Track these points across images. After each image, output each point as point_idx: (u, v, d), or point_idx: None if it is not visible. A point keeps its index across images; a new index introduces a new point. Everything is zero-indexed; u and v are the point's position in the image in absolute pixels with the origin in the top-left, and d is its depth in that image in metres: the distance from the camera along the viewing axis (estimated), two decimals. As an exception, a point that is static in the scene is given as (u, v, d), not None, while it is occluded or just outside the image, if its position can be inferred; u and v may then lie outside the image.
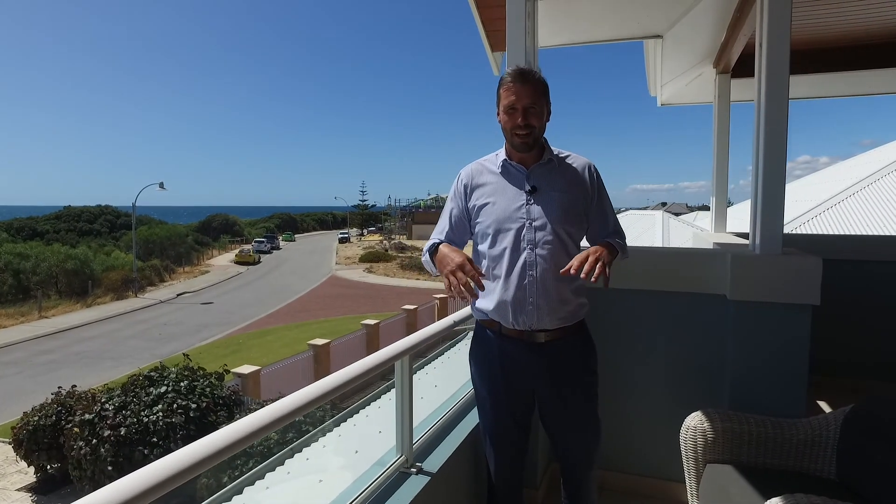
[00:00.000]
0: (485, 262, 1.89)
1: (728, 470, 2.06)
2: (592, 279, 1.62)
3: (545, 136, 1.88)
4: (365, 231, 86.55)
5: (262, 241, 59.91)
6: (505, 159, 1.88)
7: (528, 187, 1.82)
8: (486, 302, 1.89)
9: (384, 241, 65.09)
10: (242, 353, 19.26)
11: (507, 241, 1.81)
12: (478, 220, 1.88)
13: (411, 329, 18.17)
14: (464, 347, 2.84)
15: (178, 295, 33.69)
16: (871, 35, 3.82)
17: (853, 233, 8.41)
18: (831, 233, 8.62)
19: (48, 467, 9.84)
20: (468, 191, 1.92)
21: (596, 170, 1.93)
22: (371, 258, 49.89)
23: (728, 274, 2.39)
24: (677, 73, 4.54)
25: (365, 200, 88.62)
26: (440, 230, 1.95)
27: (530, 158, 1.85)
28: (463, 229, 1.94)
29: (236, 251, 53.55)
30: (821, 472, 2.06)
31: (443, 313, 20.24)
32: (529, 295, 1.79)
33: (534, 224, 1.80)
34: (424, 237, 76.46)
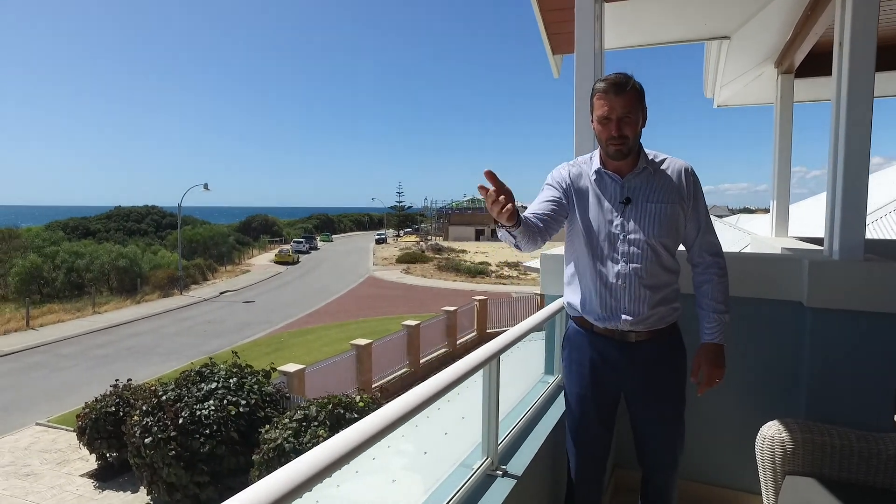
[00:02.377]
0: (578, 267, 1.89)
1: (811, 483, 2.00)
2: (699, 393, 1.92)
3: (640, 143, 1.85)
4: (401, 232, 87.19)
5: (301, 242, 60.95)
6: (599, 167, 1.85)
7: (622, 198, 1.80)
8: (579, 304, 1.90)
9: (421, 242, 65.45)
10: (285, 352, 19.66)
11: (602, 250, 1.81)
12: (573, 223, 1.87)
13: (451, 331, 18.18)
14: (534, 346, 2.83)
15: (220, 293, 34.65)
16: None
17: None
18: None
19: (108, 455, 10.28)
20: (570, 191, 1.85)
21: (693, 173, 1.87)
22: (408, 259, 50.21)
23: (804, 280, 2.32)
24: (738, 74, 4.43)
25: (401, 202, 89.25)
26: (538, 209, 1.77)
27: (625, 166, 1.82)
28: (562, 213, 1.81)
29: (276, 251, 54.60)
30: (913, 489, 1.98)
31: (482, 315, 20.19)
32: (623, 305, 1.80)
33: (629, 237, 1.78)
34: (461, 238, 76.24)
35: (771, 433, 2.14)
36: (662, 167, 1.85)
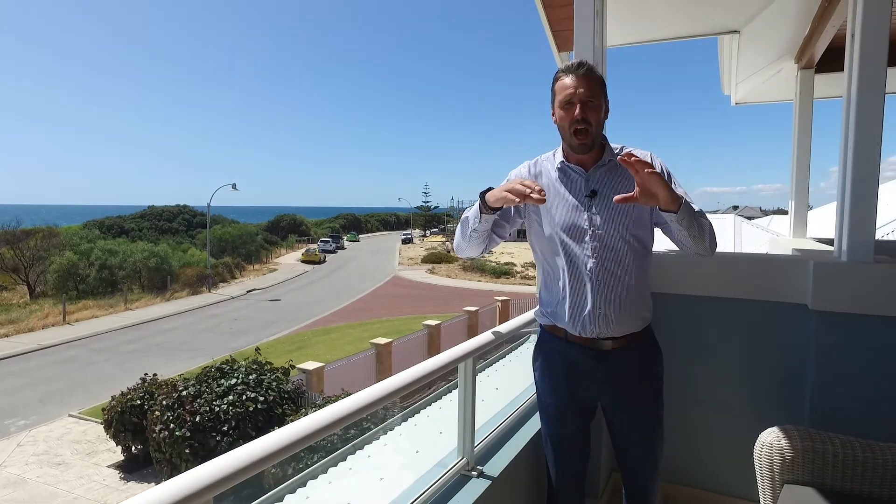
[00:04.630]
0: (546, 269, 1.84)
1: (810, 493, 1.93)
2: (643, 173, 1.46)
3: (605, 135, 1.81)
4: (427, 232, 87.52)
5: (328, 241, 61.69)
6: (563, 161, 1.79)
7: (587, 192, 1.74)
8: (552, 309, 1.85)
9: (446, 243, 65.52)
10: (307, 350, 19.93)
11: (570, 249, 1.74)
12: (539, 225, 1.82)
13: (472, 331, 18.19)
14: (526, 350, 2.81)
15: (247, 291, 35.30)
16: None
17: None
18: (930, 239, 7.90)
19: (133, 448, 10.59)
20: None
21: (659, 159, 1.78)
22: (433, 259, 50.37)
23: (810, 282, 2.24)
24: (755, 69, 4.30)
25: (428, 202, 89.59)
26: None
27: (589, 160, 1.76)
28: (508, 219, 1.84)
29: (303, 250, 55.35)
30: (918, 502, 1.89)
31: (504, 316, 20.14)
32: (597, 305, 1.72)
33: (598, 232, 1.71)
34: (485, 239, 76.92)
35: (770, 440, 2.07)
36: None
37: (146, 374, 11.14)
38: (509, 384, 2.53)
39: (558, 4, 2.94)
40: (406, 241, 72.19)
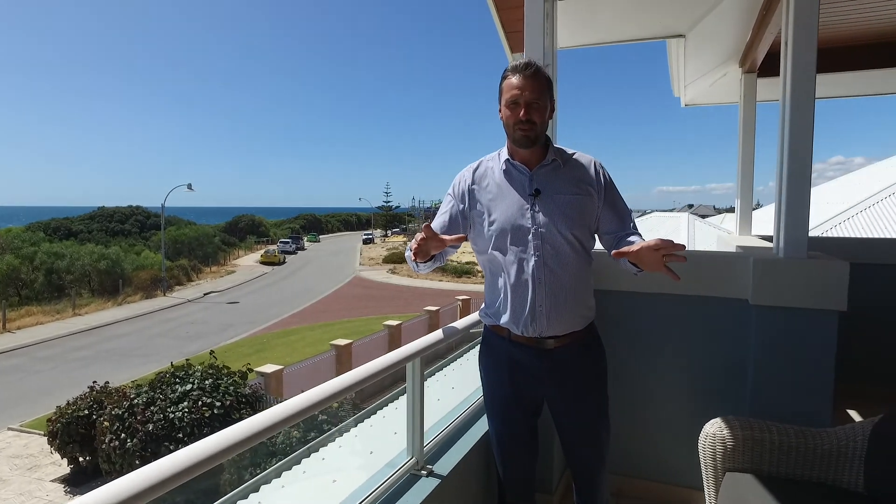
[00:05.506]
0: (489, 269, 1.86)
1: (748, 479, 2.01)
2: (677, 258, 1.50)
3: (550, 136, 1.84)
4: (389, 232, 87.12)
5: (288, 242, 60.74)
6: (508, 159, 1.81)
7: (531, 190, 1.76)
8: (495, 308, 1.86)
9: (408, 243, 65.20)
10: (267, 353, 19.54)
11: (513, 246, 1.75)
12: (481, 225, 1.82)
13: (433, 330, 18.19)
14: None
15: (204, 294, 34.35)
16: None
17: (889, 236, 8.13)
18: (865, 236, 8.35)
19: (80, 460, 10.14)
20: (472, 194, 1.84)
21: (603, 167, 1.83)
22: (395, 259, 50.12)
23: (750, 278, 2.33)
24: (701, 72, 4.45)
25: (389, 202, 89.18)
26: (437, 226, 1.85)
27: (533, 159, 1.78)
28: (457, 229, 1.85)
29: (262, 251, 54.39)
30: (847, 484, 1.99)
31: (465, 315, 20.21)
32: (539, 303, 1.74)
33: (540, 230, 1.73)
34: (447, 238, 77.17)
35: (713, 431, 2.15)
36: (570, 160, 1.82)
37: (94, 382, 10.69)
38: (465, 383, 2.55)
39: (511, 6, 2.97)
40: (367, 242, 71.68)
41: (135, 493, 0.83)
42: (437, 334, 1.84)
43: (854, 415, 3.08)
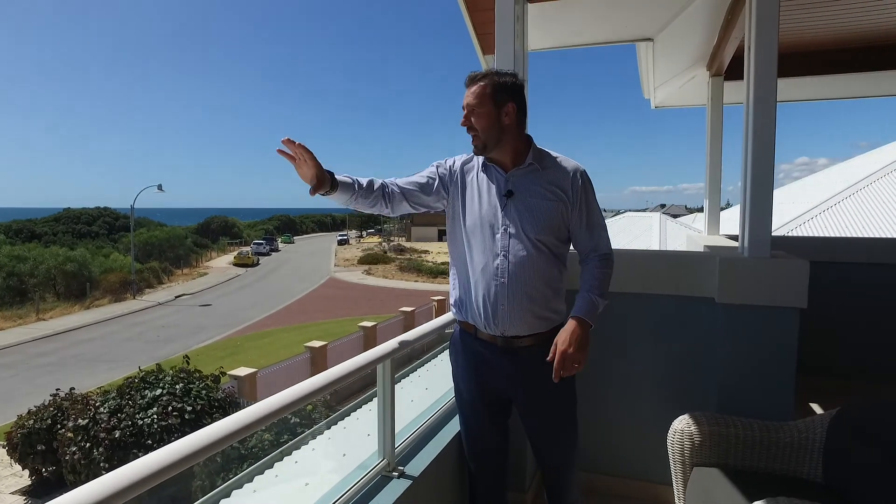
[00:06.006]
0: (460, 266, 1.88)
1: (714, 473, 2.06)
2: (554, 379, 1.66)
3: (534, 138, 1.86)
4: (364, 233, 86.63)
5: (261, 243, 59.94)
6: (485, 160, 1.85)
7: (505, 191, 1.79)
8: (462, 304, 1.88)
9: (383, 243, 65.12)
10: (240, 356, 19.24)
11: (482, 244, 1.79)
12: (455, 218, 1.87)
13: (408, 331, 18.17)
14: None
15: (176, 297, 33.66)
16: (860, 39, 3.83)
17: (852, 235, 8.41)
18: (828, 235, 8.62)
19: (43, 471, 9.81)
20: (457, 179, 1.88)
21: (583, 176, 1.82)
22: (370, 260, 49.91)
23: (716, 277, 2.39)
24: (670, 75, 4.54)
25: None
26: (405, 182, 1.83)
27: (510, 161, 1.81)
28: (426, 192, 1.84)
29: (235, 253, 53.59)
30: (807, 474, 2.06)
31: (440, 315, 20.24)
32: (500, 302, 1.77)
33: (508, 230, 1.76)
34: (423, 239, 76.31)
35: (681, 427, 2.19)
36: (551, 165, 1.82)
37: (58, 390, 10.35)
38: (438, 384, 2.55)
39: (482, 8, 2.99)
40: (342, 242, 71.15)
41: (99, 499, 0.81)
42: (408, 336, 1.84)
43: (815, 408, 3.18)
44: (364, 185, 1.72)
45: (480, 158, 1.87)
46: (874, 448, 1.82)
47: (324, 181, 1.59)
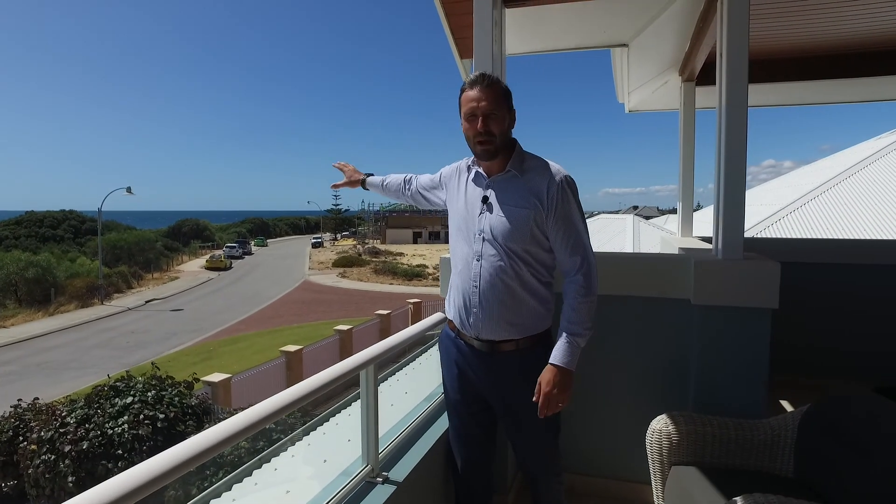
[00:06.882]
0: (451, 266, 1.94)
1: (692, 471, 2.10)
2: (540, 416, 1.70)
3: (521, 144, 1.86)
4: (338, 236, 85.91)
5: (234, 247, 59.08)
6: (475, 165, 1.88)
7: (482, 197, 1.81)
8: (448, 302, 1.94)
9: (358, 246, 64.63)
10: (213, 361, 18.89)
11: (462, 248, 1.84)
12: (450, 220, 1.95)
13: (384, 334, 18.06)
14: (436, 353, 2.84)
15: (146, 302, 32.88)
16: (826, 48, 3.97)
17: (816, 235, 8.67)
18: (795, 236, 8.87)
19: (3, 486, 9.43)
20: (456, 180, 1.97)
21: (562, 184, 1.73)
22: (344, 263, 49.54)
23: (691, 278, 2.44)
24: (643, 80, 4.62)
25: (338, 205, 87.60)
26: (425, 180, 2.20)
27: (495, 167, 1.81)
28: (432, 189, 2.13)
29: (207, 257, 52.62)
30: (780, 470, 2.12)
31: (416, 318, 20.17)
32: (474, 305, 1.79)
33: (483, 236, 1.78)
34: (398, 241, 75.93)
35: (659, 426, 2.23)
36: (531, 172, 1.77)
37: (20, 400, 9.95)
38: (419, 387, 2.54)
39: (460, 13, 3.00)
40: (316, 245, 70.45)
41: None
42: (393, 340, 1.85)
43: (787, 405, 3.27)
44: (388, 186, 2.33)
45: (471, 164, 1.90)
46: (843, 443, 1.89)
47: (355, 184, 2.45)
